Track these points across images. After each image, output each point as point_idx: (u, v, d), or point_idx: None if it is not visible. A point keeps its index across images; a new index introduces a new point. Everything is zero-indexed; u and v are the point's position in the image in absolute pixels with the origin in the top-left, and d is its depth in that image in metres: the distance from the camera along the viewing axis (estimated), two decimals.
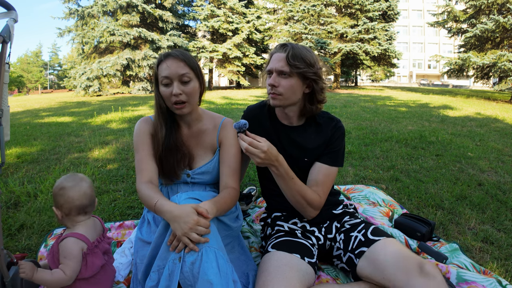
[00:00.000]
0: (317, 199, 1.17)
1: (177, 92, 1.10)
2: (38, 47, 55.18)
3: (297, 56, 1.12)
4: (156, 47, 16.92)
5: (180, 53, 1.14)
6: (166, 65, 1.12)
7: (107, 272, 1.11)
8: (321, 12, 17.39)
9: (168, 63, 1.12)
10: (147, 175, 1.16)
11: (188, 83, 1.13)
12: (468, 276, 1.19)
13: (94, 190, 1.13)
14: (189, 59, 1.15)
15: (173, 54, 1.13)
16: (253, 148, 0.99)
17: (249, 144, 1.00)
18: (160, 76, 1.13)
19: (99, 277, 1.07)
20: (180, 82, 1.12)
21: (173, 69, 1.11)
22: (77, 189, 1.03)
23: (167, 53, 1.15)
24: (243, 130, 1.01)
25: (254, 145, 1.00)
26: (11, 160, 3.10)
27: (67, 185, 1.04)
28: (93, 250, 1.03)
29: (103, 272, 1.09)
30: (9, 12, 1.01)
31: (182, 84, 1.13)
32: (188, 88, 1.13)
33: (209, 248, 0.94)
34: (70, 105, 10.44)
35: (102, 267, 1.08)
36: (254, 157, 1.01)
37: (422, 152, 3.33)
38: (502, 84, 11.58)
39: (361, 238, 1.12)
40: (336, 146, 1.24)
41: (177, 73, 1.11)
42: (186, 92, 1.13)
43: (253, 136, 1.02)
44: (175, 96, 1.11)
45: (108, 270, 1.12)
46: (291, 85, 1.15)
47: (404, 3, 35.97)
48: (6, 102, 1.07)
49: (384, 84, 33.40)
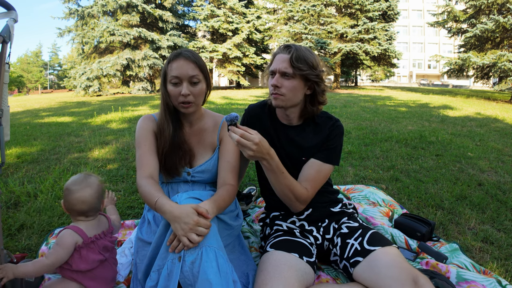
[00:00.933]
0: (305, 193, 1.17)
1: (186, 93, 1.12)
2: (38, 47, 55.24)
3: (301, 58, 1.13)
4: (156, 47, 16.91)
5: (191, 54, 1.15)
6: (177, 65, 1.13)
7: (106, 269, 1.12)
8: (321, 12, 17.39)
9: (179, 63, 1.13)
10: (147, 170, 1.16)
11: (197, 84, 1.15)
12: (468, 275, 1.20)
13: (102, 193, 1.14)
14: (199, 61, 1.16)
15: (185, 55, 1.14)
16: (245, 140, 0.98)
17: (240, 136, 0.98)
18: (169, 75, 1.14)
19: (96, 273, 1.08)
20: (189, 83, 1.14)
21: (184, 70, 1.12)
22: (78, 196, 1.05)
23: (178, 52, 1.16)
24: (234, 122, 0.99)
25: (245, 137, 0.98)
26: (11, 160, 3.10)
27: (72, 188, 1.06)
28: (89, 245, 1.05)
29: (101, 268, 1.10)
30: (9, 12, 1.01)
31: (191, 85, 1.14)
32: (196, 89, 1.15)
33: (209, 247, 0.94)
34: (70, 105, 10.44)
35: (101, 263, 1.09)
36: (246, 149, 0.99)
37: (422, 152, 3.33)
38: (502, 84, 11.58)
39: (357, 247, 1.12)
40: (332, 144, 1.24)
41: (188, 74, 1.12)
42: (194, 93, 1.15)
43: (244, 128, 1.00)
44: (183, 97, 1.13)
45: (108, 268, 1.13)
46: (293, 87, 1.15)
47: (404, 3, 35.97)
48: (6, 102, 1.07)
49: (384, 84, 33.42)
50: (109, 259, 1.15)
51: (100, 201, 1.12)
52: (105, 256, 1.11)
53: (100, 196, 1.12)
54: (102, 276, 1.11)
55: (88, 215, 1.09)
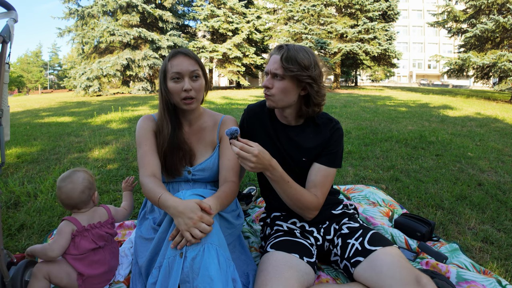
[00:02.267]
0: (315, 201, 1.17)
1: (188, 87, 1.16)
2: (38, 47, 55.21)
3: (291, 59, 1.11)
4: (156, 47, 16.91)
5: (189, 51, 1.21)
6: (177, 62, 1.17)
7: (100, 258, 1.16)
8: (321, 12, 17.39)
9: (179, 59, 1.17)
10: (150, 169, 1.18)
11: (197, 80, 1.19)
12: (468, 275, 1.19)
13: (91, 187, 1.20)
14: (197, 57, 1.22)
15: (184, 52, 1.19)
16: (244, 152, 0.99)
17: (240, 149, 0.99)
18: (170, 72, 1.17)
19: (89, 259, 1.13)
20: (190, 78, 1.18)
21: (184, 65, 1.16)
22: (64, 191, 1.15)
23: (177, 51, 1.20)
24: (235, 136, 1.01)
25: (245, 149, 0.99)
26: (11, 160, 3.10)
27: (59, 185, 1.17)
28: (82, 233, 1.13)
29: (93, 256, 1.14)
30: (9, 12, 1.01)
31: (192, 80, 1.18)
32: (197, 84, 1.19)
33: (211, 245, 0.94)
34: (70, 105, 10.44)
35: (95, 251, 1.14)
36: (246, 161, 0.99)
37: (422, 152, 3.33)
38: (502, 84, 11.58)
39: (358, 247, 1.12)
40: (334, 148, 1.24)
41: (188, 69, 1.16)
42: (195, 88, 1.18)
43: (245, 141, 1.01)
44: (186, 92, 1.16)
45: (101, 257, 1.16)
46: (284, 88, 1.15)
47: (404, 3, 35.97)
48: (6, 102, 1.07)
49: (384, 84, 33.43)
50: (105, 249, 1.18)
51: (89, 194, 1.19)
52: (99, 245, 1.15)
53: (87, 189, 1.18)
54: (95, 263, 1.14)
55: (80, 208, 1.18)
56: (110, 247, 1.22)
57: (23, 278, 1.08)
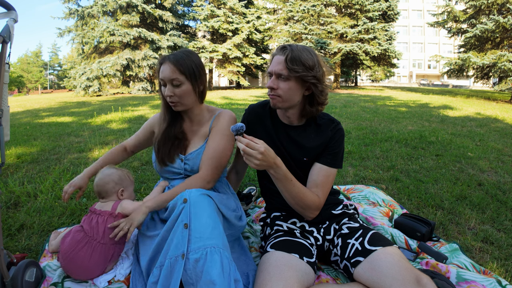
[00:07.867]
0: (317, 200, 1.17)
1: (169, 94, 1.25)
2: (38, 47, 55.21)
3: (296, 60, 1.11)
4: (156, 47, 16.91)
5: (174, 58, 1.24)
6: (162, 68, 1.25)
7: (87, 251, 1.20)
8: (321, 12, 17.39)
9: (164, 66, 1.25)
10: (126, 142, 1.55)
11: (178, 86, 1.25)
12: (468, 275, 1.19)
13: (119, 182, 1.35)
14: (181, 65, 1.23)
15: (168, 59, 1.25)
16: (250, 149, 0.99)
17: (246, 145, 0.99)
18: (159, 77, 1.28)
19: (72, 236, 1.22)
20: (171, 85, 1.24)
21: (165, 73, 1.23)
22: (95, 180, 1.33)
23: (164, 57, 1.26)
24: (241, 132, 1.01)
25: (251, 146, 0.99)
26: (11, 160, 3.10)
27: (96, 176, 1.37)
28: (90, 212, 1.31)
29: (76, 235, 1.24)
30: (9, 12, 1.01)
31: (173, 87, 1.25)
32: (178, 90, 1.25)
33: (214, 248, 0.95)
34: (70, 105, 10.44)
35: (78, 233, 1.25)
36: (252, 158, 0.99)
37: (422, 152, 3.33)
38: (502, 84, 11.58)
39: (358, 247, 1.12)
40: (336, 148, 1.24)
41: (169, 77, 1.23)
42: (177, 94, 1.25)
43: (250, 138, 1.01)
44: (168, 97, 1.26)
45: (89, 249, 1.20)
46: (289, 88, 1.15)
47: (404, 3, 35.98)
48: (6, 102, 1.07)
49: (384, 84, 33.44)
50: (96, 245, 1.19)
51: (114, 187, 1.33)
52: (82, 225, 1.24)
53: (113, 182, 1.32)
54: (71, 244, 1.18)
55: (102, 196, 1.33)
56: (103, 246, 1.19)
57: (23, 278, 1.08)
